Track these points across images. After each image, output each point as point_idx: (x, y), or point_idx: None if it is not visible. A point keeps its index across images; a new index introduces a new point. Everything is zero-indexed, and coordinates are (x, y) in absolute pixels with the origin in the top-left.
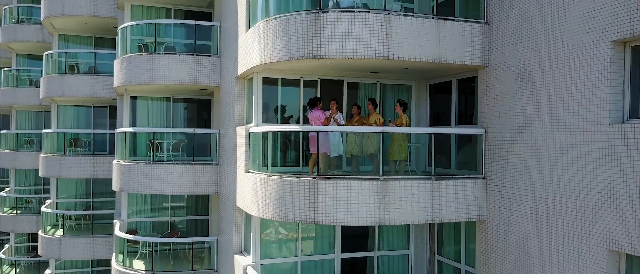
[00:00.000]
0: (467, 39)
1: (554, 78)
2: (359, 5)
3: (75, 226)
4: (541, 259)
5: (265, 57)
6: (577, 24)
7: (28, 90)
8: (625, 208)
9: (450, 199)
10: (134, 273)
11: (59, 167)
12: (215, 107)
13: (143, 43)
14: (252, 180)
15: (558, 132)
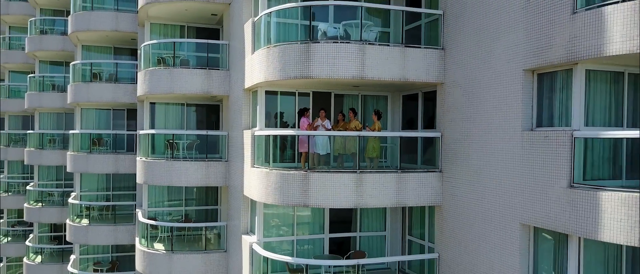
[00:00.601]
0: (427, 62)
1: (487, 95)
2: (342, 35)
3: (98, 215)
4: (479, 233)
5: (267, 76)
6: (501, 55)
7: (51, 94)
8: (532, 193)
9: (413, 188)
10: (155, 252)
11: (85, 163)
12: (224, 112)
13: (162, 57)
14: (257, 173)
15: (490, 136)
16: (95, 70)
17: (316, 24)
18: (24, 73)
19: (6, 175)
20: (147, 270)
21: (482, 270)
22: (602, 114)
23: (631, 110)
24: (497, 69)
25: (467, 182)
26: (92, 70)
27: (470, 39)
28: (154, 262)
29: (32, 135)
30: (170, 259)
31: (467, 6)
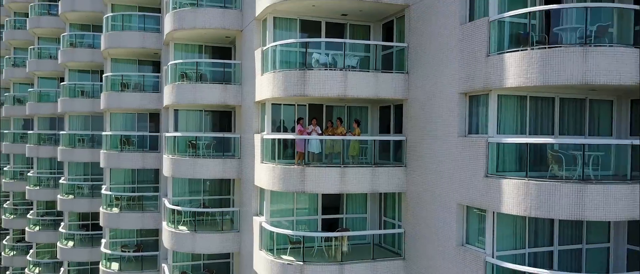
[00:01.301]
0: (394, 83)
1: (436, 109)
2: (331, 62)
3: (126, 204)
4: (431, 212)
5: (273, 94)
6: (445, 80)
7: (81, 100)
8: (463, 181)
9: (384, 179)
10: (181, 232)
11: (117, 160)
12: (237, 118)
13: (185, 72)
14: (265, 167)
15: (437, 140)
16: (124, 80)
17: (311, 51)
18: (52, 79)
19: (36, 171)
20: (175, 246)
21: (433, 239)
22: (511, 126)
23: (532, 124)
24: (442, 91)
25: (423, 174)
26: (120, 80)
27: (426, 67)
28: (180, 240)
29: (64, 135)
30: (193, 238)
31: (423, 41)
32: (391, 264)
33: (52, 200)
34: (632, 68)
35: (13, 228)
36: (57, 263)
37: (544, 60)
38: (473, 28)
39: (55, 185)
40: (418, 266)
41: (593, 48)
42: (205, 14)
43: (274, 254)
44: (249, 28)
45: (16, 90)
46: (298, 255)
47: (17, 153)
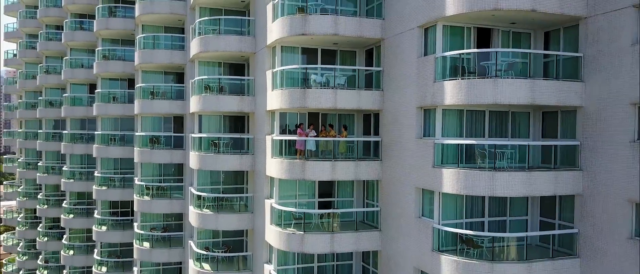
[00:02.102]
0: (373, 97)
1: (401, 118)
2: (324, 81)
3: (156, 193)
4: (398, 194)
5: (280, 105)
6: (407, 96)
7: (113, 105)
8: (419, 171)
9: (365, 170)
10: (206, 213)
11: (149, 156)
12: (250, 122)
13: (208, 85)
14: (275, 161)
15: (402, 140)
16: (154, 90)
17: (310, 72)
18: (83, 85)
19: (69, 166)
20: (201, 225)
21: (400, 214)
22: (452, 131)
23: (468, 130)
24: (406, 105)
25: (393, 166)
26: (150, 90)
27: (395, 86)
28: (206, 219)
29: (98, 135)
30: (216, 218)
31: (393, 67)
32: (370, 234)
33: (83, 191)
34: (526, 93)
35: (46, 216)
36: (89, 245)
37: (469, 87)
38: (425, 61)
39: (87, 178)
40: (390, 235)
41: (501, 79)
42: (225, 40)
43: (282, 227)
44: (261, 52)
45: (48, 95)
46: (300, 228)
47: (49, 150)
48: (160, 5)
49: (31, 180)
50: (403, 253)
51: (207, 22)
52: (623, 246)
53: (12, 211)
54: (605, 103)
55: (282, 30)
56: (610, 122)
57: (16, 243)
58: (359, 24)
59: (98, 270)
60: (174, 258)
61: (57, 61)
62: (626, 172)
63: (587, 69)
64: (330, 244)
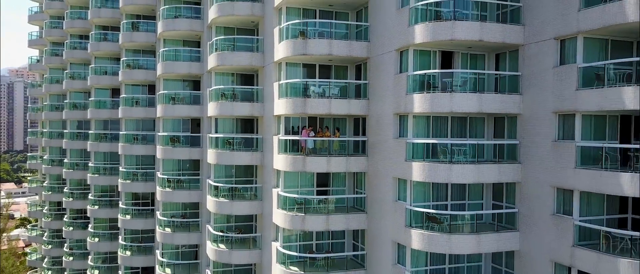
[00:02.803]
0: (360, 105)
1: (382, 122)
2: (321, 92)
3: (176, 185)
4: (380, 183)
5: (285, 111)
6: (387, 104)
7: (136, 108)
8: (396, 164)
9: (354, 164)
10: (222, 200)
11: (171, 153)
12: (260, 125)
13: (224, 93)
14: (281, 156)
15: (383, 140)
16: (175, 96)
17: (309, 85)
18: (106, 90)
19: (93, 162)
20: (218, 210)
21: (382, 199)
22: (422, 133)
23: (435, 131)
24: (386, 111)
25: (376, 161)
26: (171, 96)
27: (378, 96)
28: (222, 206)
29: (123, 135)
30: (231, 204)
31: (376, 80)
32: (358, 216)
33: (107, 184)
34: (475, 103)
35: (71, 208)
36: (112, 233)
37: (432, 99)
38: (400, 77)
39: (110, 173)
40: (374, 216)
41: (457, 93)
42: (239, 56)
43: (287, 210)
44: (269, 66)
45: (72, 98)
46: (301, 211)
47: (73, 148)
48: (180, 23)
49: (55, 176)
50: (384, 230)
51: (222, 39)
52: (547, 220)
53: (36, 204)
54: (536, 112)
55: (287, 50)
56: (539, 126)
57: (40, 234)
58: (349, 46)
59: (123, 253)
60: (193, 241)
61: (80, 68)
62: (550, 165)
63: (524, 85)
64: (326, 224)
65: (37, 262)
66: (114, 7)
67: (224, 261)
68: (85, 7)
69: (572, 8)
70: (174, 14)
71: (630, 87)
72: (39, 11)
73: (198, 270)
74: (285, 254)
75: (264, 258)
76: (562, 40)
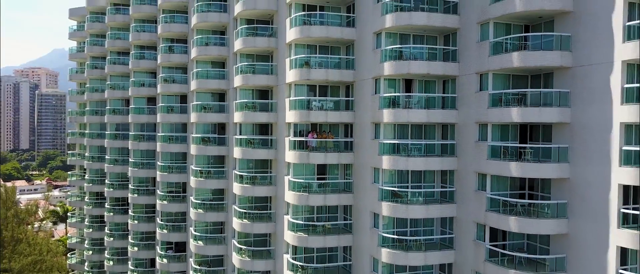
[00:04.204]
0: (349, 116)
1: (364, 128)
2: (320, 106)
3: (206, 176)
4: (363, 171)
5: (294, 120)
6: (367, 116)
7: (172, 114)
8: (372, 157)
9: (344, 157)
10: (244, 186)
11: (204, 150)
12: (274, 128)
13: (247, 105)
14: (291, 152)
15: (365, 141)
16: (206, 106)
17: (312, 101)
18: (143, 99)
19: (133, 158)
20: (243, 193)
21: (363, 182)
22: (390, 136)
23: (400, 135)
24: (366, 120)
25: (359, 156)
26: (204, 106)
27: (361, 110)
28: (245, 190)
29: (160, 136)
30: (253, 188)
31: (360, 98)
32: (347, 195)
33: (144, 176)
34: (424, 116)
35: (111, 197)
36: (149, 216)
37: (395, 113)
38: (375, 97)
39: (147, 167)
40: (358, 195)
41: (412, 109)
42: (259, 78)
43: (295, 191)
44: (281, 85)
45: (112, 105)
46: (306, 192)
47: (113, 147)
48: (210, 50)
49: (94, 170)
50: (364, 204)
51: (246, 65)
52: (472, 195)
53: (77, 195)
54: (466, 121)
55: (295, 76)
56: (467, 131)
57: (80, 220)
58: (340, 73)
59: (161, 231)
60: (220, 219)
61: (119, 79)
62: (474, 158)
63: (459, 103)
64: (323, 200)
65: (77, 265)
66: (151, 31)
67: (247, 232)
68: (123, 28)
69: (485, 54)
70: (205, 42)
71: (515, 108)
72: (77, 29)
73: (224, 242)
74: (294, 223)
75: (277, 228)
76: (480, 75)
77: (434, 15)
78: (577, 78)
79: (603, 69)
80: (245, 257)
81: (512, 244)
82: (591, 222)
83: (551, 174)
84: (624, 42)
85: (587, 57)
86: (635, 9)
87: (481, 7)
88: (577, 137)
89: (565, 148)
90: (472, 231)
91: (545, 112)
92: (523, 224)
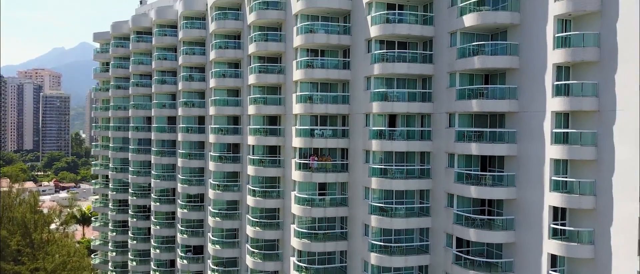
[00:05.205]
0: (345, 142)
1: (357, 153)
2: (320, 134)
3: (224, 188)
4: (357, 189)
5: (299, 145)
6: (360, 144)
7: (192, 134)
8: (363, 176)
9: (341, 177)
10: (257, 199)
11: (221, 167)
12: (282, 150)
13: (259, 130)
14: (297, 172)
15: (358, 163)
16: (222, 128)
17: (314, 131)
18: (164, 118)
19: (155, 171)
20: (256, 205)
21: (357, 198)
22: (377, 160)
23: (385, 161)
24: (358, 147)
25: (353, 174)
26: (221, 129)
27: (354, 137)
28: (257, 202)
29: (180, 152)
30: (264, 201)
31: (353, 127)
32: (344, 208)
33: (166, 187)
34: (405, 146)
35: (134, 204)
36: (169, 223)
37: (381, 143)
38: (365, 129)
39: (168, 179)
40: (353, 208)
41: (394, 140)
42: (269, 108)
43: (300, 205)
44: (289, 114)
45: (135, 122)
46: (309, 205)
47: (136, 160)
48: (227, 81)
49: (118, 180)
50: (357, 216)
51: (258, 96)
52: (443, 210)
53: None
54: (439, 151)
55: (300, 109)
56: (441, 159)
57: (104, 224)
58: (337, 107)
59: (181, 236)
60: (235, 226)
61: (141, 99)
62: (444, 180)
63: (433, 136)
64: (324, 212)
65: (100, 265)
66: (172, 59)
67: (259, 237)
68: (145, 53)
69: (452, 98)
70: (222, 73)
71: (475, 142)
72: (101, 51)
73: (239, 246)
74: (299, 231)
75: (285, 235)
76: (449, 114)
77: (413, 65)
78: (522, 121)
79: (539, 116)
80: (257, 259)
81: (474, 250)
82: (531, 234)
83: (502, 195)
84: (552, 97)
85: (528, 106)
86: (562, 71)
87: (449, 61)
88: (522, 167)
89: (512, 175)
90: (443, 239)
91: (497, 147)
92: (480, 234)
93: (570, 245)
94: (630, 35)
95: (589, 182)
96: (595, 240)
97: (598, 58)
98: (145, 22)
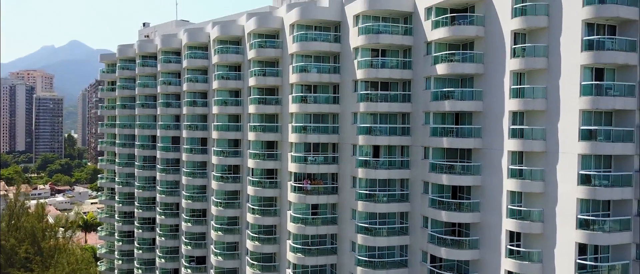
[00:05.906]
0: (335, 167)
1: (346, 174)
2: (314, 160)
3: (224, 205)
4: (344, 209)
5: (294, 170)
6: (348, 171)
7: (195, 155)
8: (350, 197)
9: (331, 198)
10: (255, 216)
11: (223, 186)
12: (279, 173)
13: (257, 154)
14: (292, 194)
15: (345, 184)
16: (224, 151)
17: (308, 155)
18: (169, 137)
19: (160, 187)
20: (255, 222)
21: (344, 212)
22: (366, 186)
23: (375, 184)
24: (347, 172)
25: (342, 195)
26: (223, 151)
27: (343, 162)
28: (256, 219)
29: (184, 171)
30: (262, 218)
31: (342, 154)
32: (333, 226)
33: (170, 202)
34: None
35: (139, 216)
36: (174, 234)
37: (366, 171)
38: (353, 158)
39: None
40: (341, 227)
41: (377, 169)
42: (268, 135)
43: (295, 223)
44: (285, 141)
45: (140, 140)
46: (303, 223)
47: (141, 175)
48: (228, 109)
49: (124, 193)
50: (345, 234)
51: (257, 124)
52: (419, 219)
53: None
54: (416, 180)
55: (296, 138)
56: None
57: (109, 233)
58: (328, 137)
59: (185, 247)
60: (236, 240)
61: (146, 119)
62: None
63: (411, 165)
64: (316, 230)
65: (106, 273)
66: (177, 84)
67: (257, 251)
68: (150, 76)
69: (427, 134)
70: (224, 101)
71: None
72: (107, 72)
73: (239, 258)
74: (294, 247)
75: (281, 249)
76: (425, 147)
77: (393, 104)
78: (485, 157)
79: (498, 153)
80: (256, 270)
81: (446, 265)
82: (492, 253)
83: (468, 220)
84: (508, 138)
85: (490, 144)
86: (517, 116)
87: (424, 101)
88: (485, 195)
89: (477, 202)
90: (420, 255)
91: (464, 178)
92: (450, 252)
93: (523, 263)
94: (571, 90)
95: (538, 211)
96: (543, 260)
97: (545, 107)
98: (150, 48)
